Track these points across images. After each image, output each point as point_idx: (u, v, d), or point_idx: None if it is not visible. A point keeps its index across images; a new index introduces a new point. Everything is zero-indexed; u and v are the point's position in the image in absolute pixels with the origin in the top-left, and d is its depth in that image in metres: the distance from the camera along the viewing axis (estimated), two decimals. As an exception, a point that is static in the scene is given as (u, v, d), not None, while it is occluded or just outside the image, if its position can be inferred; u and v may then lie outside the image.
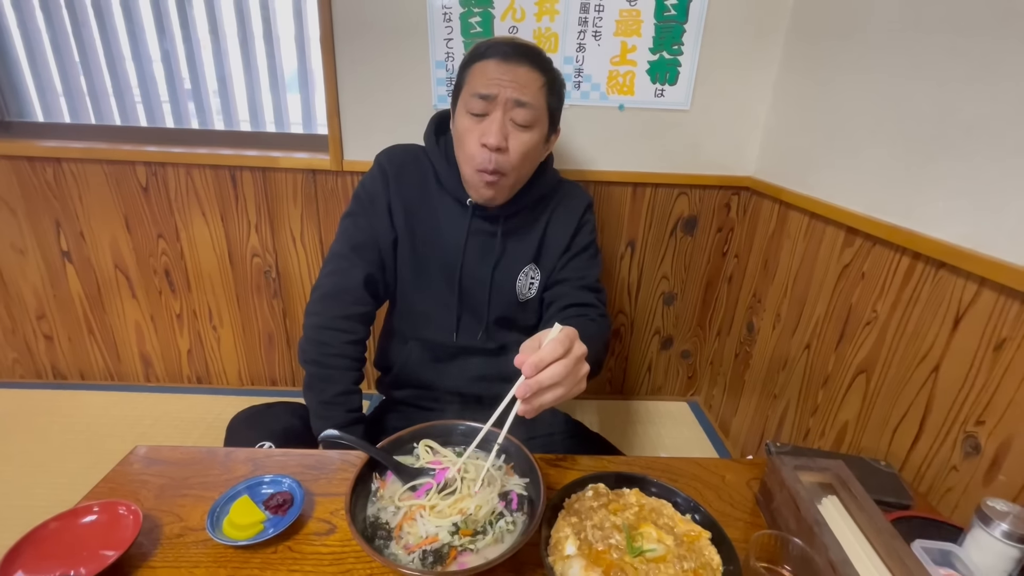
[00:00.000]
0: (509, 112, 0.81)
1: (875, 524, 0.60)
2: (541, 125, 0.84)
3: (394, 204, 0.91)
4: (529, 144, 0.83)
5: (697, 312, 1.72)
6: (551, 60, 0.86)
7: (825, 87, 1.18)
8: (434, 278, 0.93)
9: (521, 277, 0.94)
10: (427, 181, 0.92)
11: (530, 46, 0.83)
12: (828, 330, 1.14)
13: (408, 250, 0.92)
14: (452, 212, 0.91)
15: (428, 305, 0.94)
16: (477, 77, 0.81)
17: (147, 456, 0.73)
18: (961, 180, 0.82)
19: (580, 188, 1.01)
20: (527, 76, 0.80)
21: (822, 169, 1.19)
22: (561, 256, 0.95)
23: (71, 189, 1.53)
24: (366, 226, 0.91)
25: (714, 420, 1.72)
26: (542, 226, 0.94)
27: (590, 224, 0.98)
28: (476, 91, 0.80)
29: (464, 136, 0.83)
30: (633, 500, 0.63)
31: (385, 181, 0.91)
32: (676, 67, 1.39)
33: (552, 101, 0.85)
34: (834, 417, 1.10)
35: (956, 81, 0.84)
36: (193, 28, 1.50)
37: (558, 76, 0.87)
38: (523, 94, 0.80)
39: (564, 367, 0.54)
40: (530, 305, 0.96)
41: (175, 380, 1.80)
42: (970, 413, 0.80)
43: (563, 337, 0.56)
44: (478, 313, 0.94)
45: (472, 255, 0.91)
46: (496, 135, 0.79)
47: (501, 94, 0.79)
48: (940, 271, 0.86)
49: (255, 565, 0.56)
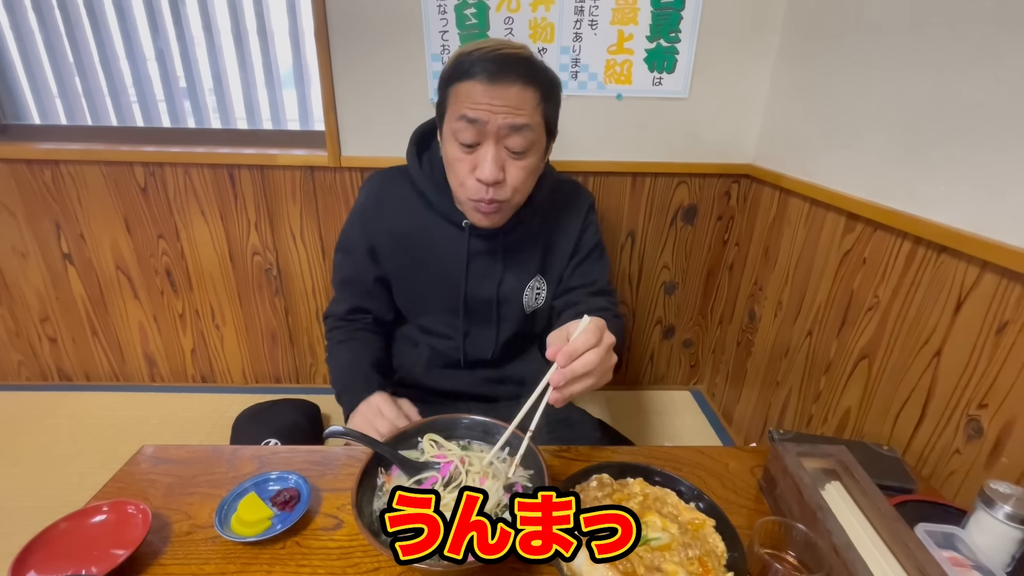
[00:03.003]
0: (503, 140, 0.72)
1: (878, 508, 0.61)
2: (539, 143, 0.76)
3: (378, 242, 0.87)
4: (529, 169, 0.76)
5: (698, 301, 1.72)
6: (544, 64, 0.75)
7: (824, 72, 1.17)
8: (437, 303, 0.89)
9: (528, 291, 0.89)
10: (416, 206, 0.86)
11: (519, 56, 0.72)
12: (830, 316, 1.14)
13: (403, 280, 0.89)
14: (448, 235, 0.85)
15: (434, 325, 0.92)
16: (462, 100, 0.71)
17: (154, 455, 0.73)
18: (962, 163, 0.82)
19: (580, 187, 0.96)
20: (520, 96, 0.70)
21: (822, 155, 1.18)
22: (568, 262, 0.91)
23: (70, 191, 1.53)
24: (351, 263, 0.91)
25: (717, 408, 1.73)
26: (545, 234, 0.89)
27: (594, 225, 0.94)
28: (463, 113, 0.71)
29: (455, 164, 0.75)
30: (637, 489, 0.63)
31: (364, 222, 0.87)
32: (674, 55, 1.38)
33: (550, 112, 0.76)
34: (836, 403, 1.11)
35: (957, 64, 0.83)
36: (187, 25, 1.49)
37: (554, 81, 0.77)
38: (517, 118, 0.70)
39: (597, 355, 0.55)
40: (538, 314, 0.93)
41: (180, 379, 1.81)
42: (972, 396, 0.80)
43: (593, 327, 0.57)
44: (487, 331, 0.90)
45: (475, 277, 0.86)
46: (491, 171, 0.71)
47: (492, 121, 0.70)
48: (942, 255, 0.85)
49: (264, 561, 0.57)
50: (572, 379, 0.55)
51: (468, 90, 0.70)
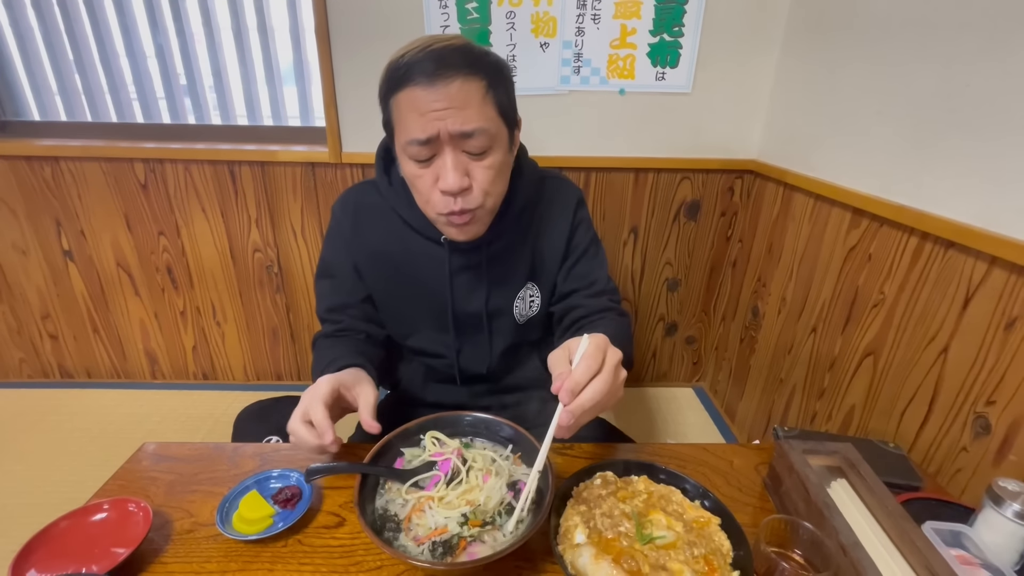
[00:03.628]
0: (459, 144, 0.66)
1: (885, 506, 0.60)
2: (499, 136, 0.69)
3: (359, 261, 0.82)
4: (495, 168, 0.69)
5: (701, 298, 1.71)
6: (485, 50, 0.68)
7: (829, 66, 1.16)
8: (425, 321, 0.85)
9: (518, 302, 0.84)
10: (393, 223, 0.80)
11: (454, 47, 0.65)
12: (834, 313, 1.13)
13: (388, 299, 0.85)
14: (428, 252, 0.79)
15: (425, 345, 0.87)
16: (406, 114, 0.65)
17: (156, 453, 0.73)
18: (971, 157, 0.81)
19: (565, 181, 0.88)
20: (463, 90, 0.64)
21: (827, 150, 1.17)
22: (561, 265, 0.84)
23: (70, 188, 1.52)
24: (336, 288, 0.85)
25: (720, 405, 1.72)
26: (531, 239, 0.82)
27: (585, 221, 0.86)
28: (410, 137, 0.65)
29: (415, 182, 0.70)
30: (642, 487, 0.62)
31: (345, 243, 0.82)
32: (677, 49, 1.37)
33: (501, 98, 0.68)
34: (841, 400, 1.10)
35: (965, 56, 0.82)
36: (186, 22, 1.48)
37: (499, 64, 0.69)
38: (467, 119, 0.64)
39: (603, 383, 0.53)
40: (533, 323, 0.87)
41: (181, 377, 1.81)
42: (980, 393, 0.79)
43: (593, 351, 0.53)
44: (480, 346, 0.86)
45: (460, 293, 0.81)
46: (454, 179, 0.66)
47: (442, 130, 0.64)
48: (949, 251, 0.85)
49: (266, 559, 0.56)
50: (580, 415, 0.53)
51: (409, 99, 0.64)
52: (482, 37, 1.34)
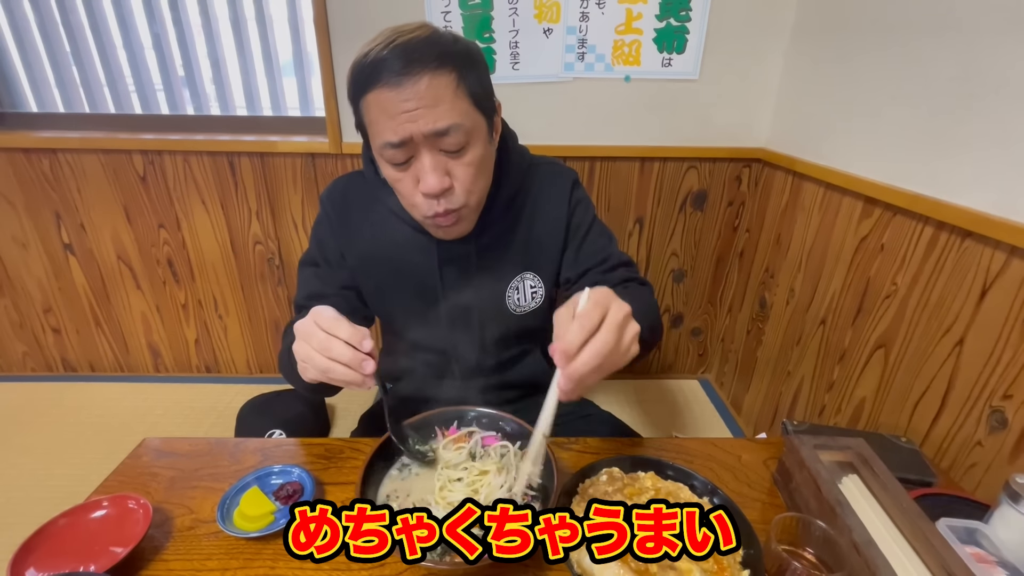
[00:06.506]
0: (436, 144, 0.63)
1: (899, 503, 0.59)
2: (477, 130, 0.66)
3: (348, 253, 0.80)
4: (476, 164, 0.67)
5: (707, 289, 1.69)
6: (451, 36, 0.65)
7: (841, 50, 1.13)
8: (413, 314, 0.82)
9: (510, 292, 0.81)
10: (380, 213, 0.78)
11: (419, 39, 0.62)
12: (845, 304, 1.11)
13: (376, 290, 0.82)
14: (418, 244, 0.77)
15: (416, 337, 0.84)
16: (376, 117, 0.63)
17: (157, 448, 0.72)
18: (990, 143, 0.78)
19: (558, 165, 0.85)
20: (433, 86, 0.61)
21: (838, 137, 1.14)
22: (563, 254, 0.82)
23: (69, 180, 1.51)
24: (321, 276, 0.81)
25: (726, 398, 1.71)
26: (525, 227, 0.80)
27: (584, 201, 0.83)
28: (384, 140, 0.63)
29: (397, 186, 0.68)
30: (649, 484, 0.61)
31: (333, 233, 0.80)
32: (684, 35, 1.33)
33: (474, 87, 0.65)
34: (851, 393, 1.08)
35: (985, 36, 0.79)
36: (184, 11, 1.45)
37: (468, 50, 0.66)
38: (440, 117, 0.61)
39: (602, 344, 0.48)
40: (536, 314, 0.84)
41: (184, 370, 1.81)
42: (996, 387, 0.77)
43: (591, 307, 0.49)
44: (472, 338, 0.83)
45: (450, 284, 0.79)
46: (434, 181, 0.64)
47: (415, 132, 0.61)
48: (966, 240, 0.82)
49: (267, 556, 0.56)
50: (579, 378, 0.49)
51: (378, 100, 0.62)
52: (484, 23, 1.31)
